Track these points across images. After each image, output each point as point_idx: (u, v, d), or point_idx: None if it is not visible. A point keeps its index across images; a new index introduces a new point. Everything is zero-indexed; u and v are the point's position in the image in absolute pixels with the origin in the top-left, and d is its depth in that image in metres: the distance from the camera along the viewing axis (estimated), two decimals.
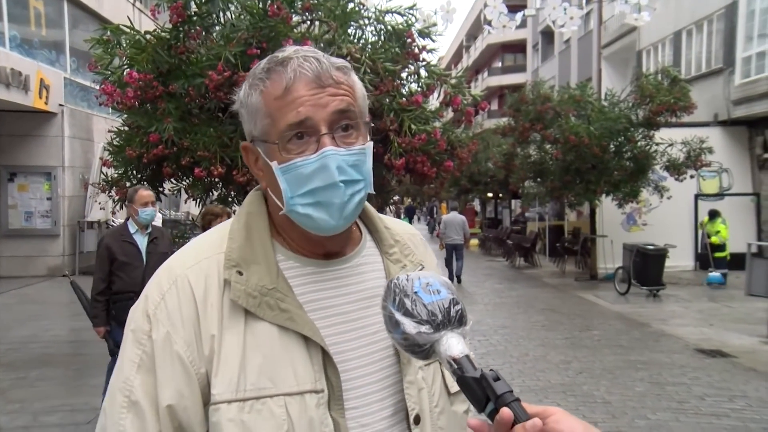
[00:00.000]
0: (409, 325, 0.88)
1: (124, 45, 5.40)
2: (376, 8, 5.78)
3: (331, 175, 1.00)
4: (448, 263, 14.49)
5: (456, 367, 0.86)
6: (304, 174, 1.01)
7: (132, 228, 4.93)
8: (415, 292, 0.90)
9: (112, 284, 4.80)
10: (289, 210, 1.04)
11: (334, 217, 1.02)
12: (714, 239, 13.44)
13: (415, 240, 1.26)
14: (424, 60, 5.81)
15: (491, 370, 0.85)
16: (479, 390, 0.84)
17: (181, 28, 5.30)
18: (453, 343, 0.87)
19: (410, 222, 28.47)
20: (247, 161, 1.12)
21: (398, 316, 0.89)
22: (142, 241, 4.92)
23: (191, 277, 1.03)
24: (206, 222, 5.11)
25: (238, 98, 1.09)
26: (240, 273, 1.02)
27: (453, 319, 0.89)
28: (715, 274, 12.92)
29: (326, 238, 1.07)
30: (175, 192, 6.39)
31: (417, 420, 1.07)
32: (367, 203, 1.14)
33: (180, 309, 1.01)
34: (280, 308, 1.01)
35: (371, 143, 1.07)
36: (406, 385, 1.07)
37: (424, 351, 0.89)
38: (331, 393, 1.01)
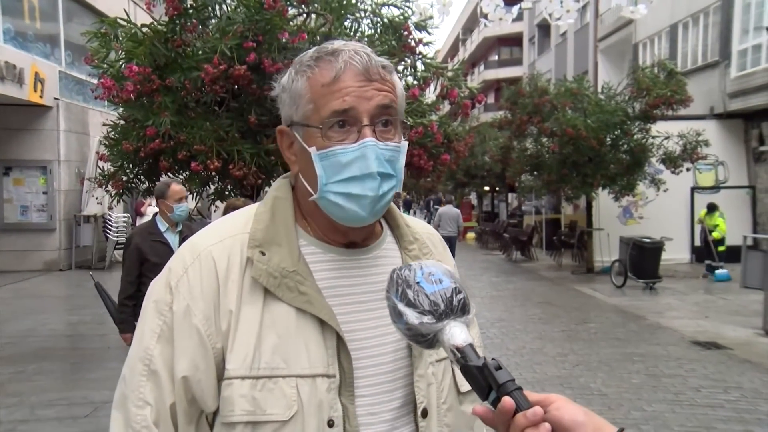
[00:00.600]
0: (412, 316, 0.89)
1: (121, 38, 5.38)
2: (372, 1, 5.78)
3: (369, 165, 1.01)
4: None
5: (459, 356, 0.87)
6: (342, 162, 1.02)
7: (162, 226, 4.52)
8: (417, 282, 0.91)
9: (141, 286, 4.33)
10: (320, 197, 1.05)
11: (365, 210, 1.03)
12: (715, 233, 13.42)
13: (434, 240, 1.27)
14: (420, 53, 5.81)
15: (493, 359, 0.86)
16: (482, 379, 0.85)
17: (177, 21, 5.28)
18: (456, 332, 0.88)
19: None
20: (280, 145, 1.14)
21: (401, 306, 0.90)
22: (173, 240, 4.49)
23: (215, 253, 1.05)
24: None
25: (280, 83, 1.11)
26: (263, 253, 1.04)
27: (456, 308, 0.89)
28: (722, 272, 12.76)
29: (351, 228, 1.08)
30: None
31: (424, 414, 1.08)
32: None
33: (201, 283, 1.03)
34: (299, 291, 1.03)
35: (406, 143, 1.09)
36: (417, 379, 1.09)
37: (428, 340, 0.90)
38: (342, 378, 1.03)
